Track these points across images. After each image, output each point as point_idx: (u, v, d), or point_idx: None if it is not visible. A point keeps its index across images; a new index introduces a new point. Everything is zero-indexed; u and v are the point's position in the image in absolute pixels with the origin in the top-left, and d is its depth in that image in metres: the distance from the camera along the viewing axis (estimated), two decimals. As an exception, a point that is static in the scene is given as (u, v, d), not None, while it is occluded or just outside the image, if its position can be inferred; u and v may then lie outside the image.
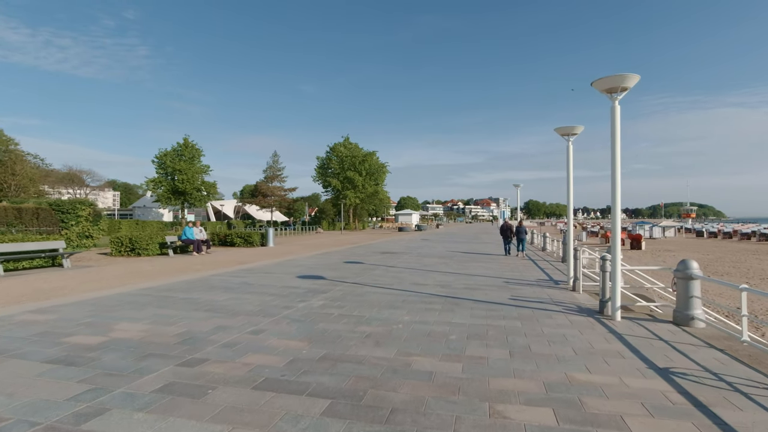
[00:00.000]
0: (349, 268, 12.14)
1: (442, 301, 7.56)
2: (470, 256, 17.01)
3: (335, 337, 5.20)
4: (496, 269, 12.53)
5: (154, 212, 65.50)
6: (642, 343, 5.15)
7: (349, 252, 18.20)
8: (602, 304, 6.88)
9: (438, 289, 8.93)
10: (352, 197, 52.23)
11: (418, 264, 13.62)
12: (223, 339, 5.04)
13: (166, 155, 54.64)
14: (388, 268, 12.29)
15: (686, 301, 6.03)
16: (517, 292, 8.73)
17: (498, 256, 17.20)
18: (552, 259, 16.05)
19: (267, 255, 16.38)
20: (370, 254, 17.07)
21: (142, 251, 15.68)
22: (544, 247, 20.65)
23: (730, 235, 54.31)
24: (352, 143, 54.23)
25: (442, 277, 10.63)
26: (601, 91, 6.52)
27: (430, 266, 13.06)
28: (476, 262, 14.66)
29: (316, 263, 13.47)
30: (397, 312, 6.66)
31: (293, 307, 6.91)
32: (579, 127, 9.59)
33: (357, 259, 15.10)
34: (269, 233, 21.20)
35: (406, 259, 15.06)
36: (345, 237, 35.34)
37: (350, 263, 13.57)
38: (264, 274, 10.82)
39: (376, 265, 13.19)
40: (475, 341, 5.13)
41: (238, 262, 13.57)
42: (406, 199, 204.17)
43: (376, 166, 54.06)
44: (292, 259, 14.83)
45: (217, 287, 8.65)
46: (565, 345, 5.03)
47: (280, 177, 52.71)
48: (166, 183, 54.08)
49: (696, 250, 37.09)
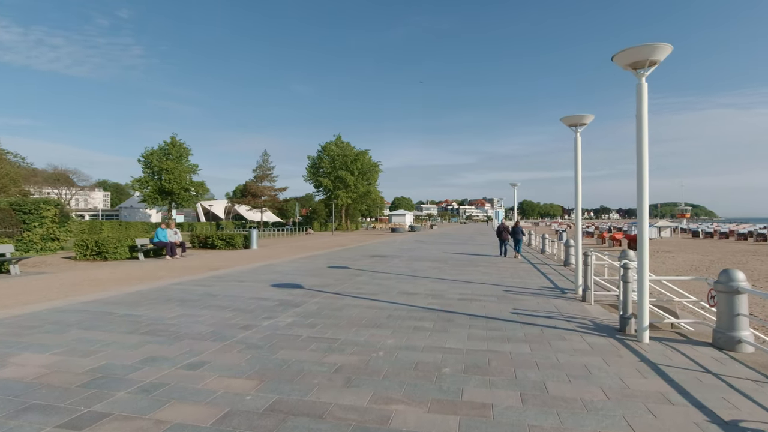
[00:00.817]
0: (332, 275, 10.97)
1: (434, 317, 6.42)
2: (466, 259, 15.91)
3: (296, 373, 4.04)
4: (494, 275, 11.42)
5: (141, 213, 63.80)
6: (687, 378, 4.04)
7: (336, 255, 17.02)
8: (623, 321, 5.78)
9: (430, 300, 7.79)
10: (343, 197, 50.84)
11: (409, 269, 12.47)
12: (147, 378, 3.85)
13: (152, 154, 53.11)
14: (375, 275, 11.14)
15: (730, 320, 4.94)
16: (520, 303, 7.61)
17: (495, 259, 16.12)
18: (553, 263, 14.98)
19: (246, 259, 15.16)
20: (358, 258, 15.90)
21: (109, 255, 14.39)
22: (543, 249, 19.60)
23: (726, 235, 53.73)
24: (344, 142, 52.86)
25: (434, 285, 9.49)
26: (623, 67, 5.35)
27: (421, 272, 11.92)
28: (472, 266, 13.55)
29: (297, 268, 12.28)
30: (380, 333, 5.50)
31: (255, 326, 5.73)
32: (588, 116, 8.51)
33: (343, 263, 13.93)
34: (252, 235, 19.94)
35: (396, 264, 13.90)
36: (335, 238, 34.14)
37: (335, 268, 12.39)
38: (235, 282, 9.61)
39: (363, 270, 12.03)
40: (474, 377, 3.99)
41: (211, 268, 12.34)
42: (400, 200, 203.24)
43: (369, 165, 52.66)
44: (272, 263, 13.63)
45: (173, 300, 7.44)
46: (590, 382, 3.90)
47: (270, 177, 51.40)
48: (153, 183, 52.54)
49: (694, 251, 36.34)
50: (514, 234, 17.39)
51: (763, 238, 45.79)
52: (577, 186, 8.78)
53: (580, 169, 8.77)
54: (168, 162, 52.27)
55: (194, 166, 56.46)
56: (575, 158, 8.78)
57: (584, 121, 8.56)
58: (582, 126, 8.68)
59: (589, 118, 8.53)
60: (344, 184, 50.61)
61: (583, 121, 8.56)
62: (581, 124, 8.65)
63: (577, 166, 8.77)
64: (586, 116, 8.51)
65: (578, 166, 8.76)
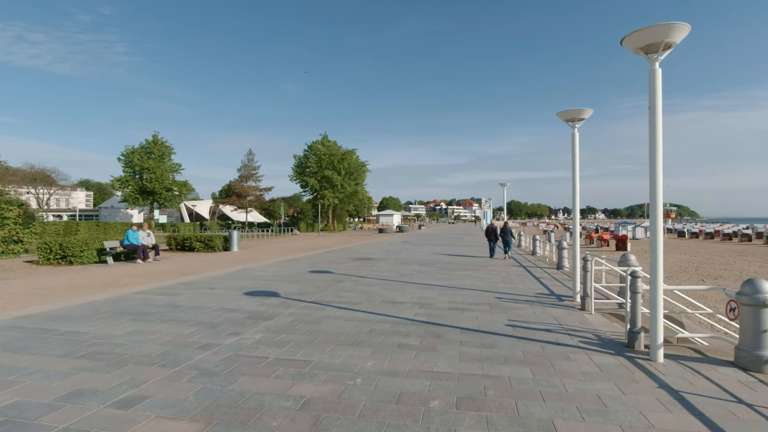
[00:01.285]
0: (312, 281, 10.22)
1: (421, 331, 5.73)
2: (455, 261, 15.28)
3: (252, 411, 3.31)
4: (485, 279, 10.79)
5: (122, 213, 61.95)
6: (719, 412, 3.40)
7: (320, 258, 16.25)
8: (632, 336, 5.17)
9: (417, 310, 7.11)
10: (330, 197, 49.84)
11: (396, 274, 11.78)
12: (63, 422, 3.08)
13: (133, 153, 51.49)
14: (359, 280, 10.42)
15: (757, 337, 4.35)
16: (515, 313, 6.98)
17: (485, 261, 15.53)
18: (545, 266, 14.44)
19: (224, 262, 14.30)
20: (342, 261, 15.16)
21: (75, 259, 13.41)
22: (533, 250, 19.08)
23: (711, 235, 54.16)
24: (330, 141, 51.83)
25: (422, 292, 8.82)
26: (634, 51, 4.75)
27: (408, 276, 11.24)
28: (462, 269, 12.92)
29: (276, 273, 11.50)
30: (359, 353, 4.79)
31: (215, 346, 4.97)
32: (586, 111, 7.92)
33: (326, 267, 13.17)
34: (233, 236, 19.04)
35: (382, 268, 13.20)
36: (321, 240, 33.31)
37: (316, 273, 11.64)
38: (204, 290, 8.81)
39: (346, 275, 11.30)
40: (469, 414, 3.31)
41: (182, 273, 11.48)
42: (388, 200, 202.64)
43: (356, 164, 51.70)
44: (251, 267, 12.81)
45: (127, 312, 6.62)
46: (607, 419, 3.25)
47: (255, 176, 50.22)
48: (134, 182, 50.93)
49: (682, 251, 36.36)
50: (503, 235, 17.27)
51: (748, 238, 46.21)
52: (575, 184, 8.19)
53: (578, 167, 8.18)
54: (149, 161, 50.74)
55: (177, 165, 54.98)
56: (573, 155, 8.19)
57: (582, 116, 7.98)
58: (580, 121, 8.10)
59: (587, 113, 7.95)
60: (331, 183, 49.63)
61: (582, 115, 7.98)
62: (579, 119, 8.06)
63: (574, 163, 8.18)
64: (584, 111, 7.92)
65: (576, 164, 8.18)
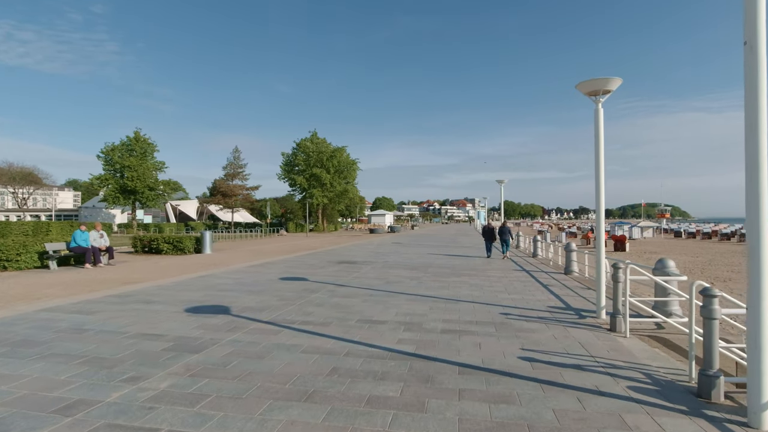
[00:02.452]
0: (279, 291, 8.53)
1: (405, 371, 4.07)
2: (449, 264, 13.65)
3: None
4: (485, 288, 9.17)
5: (104, 213, 59.58)
6: None
7: (299, 262, 14.54)
8: (706, 382, 3.56)
9: (401, 333, 5.45)
10: (319, 196, 47.74)
11: (381, 281, 10.12)
12: None
13: (113, 150, 49.28)
14: (335, 290, 8.74)
15: None
16: (530, 337, 5.35)
17: (482, 265, 13.92)
18: (550, 270, 12.86)
19: (185, 268, 12.54)
20: (323, 265, 13.47)
21: (9, 264, 11.58)
22: (534, 252, 17.51)
23: (709, 235, 53.23)
24: (319, 138, 49.89)
25: (410, 306, 7.16)
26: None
27: (395, 285, 9.59)
28: (457, 275, 11.29)
29: (240, 281, 9.78)
30: (305, 418, 3.12)
31: (88, 404, 3.27)
32: (614, 80, 6.31)
33: (301, 272, 11.48)
34: (205, 238, 17.25)
35: (366, 273, 11.53)
36: (307, 241, 31.55)
37: (288, 281, 9.94)
38: (138, 304, 7.08)
39: (322, 283, 9.61)
40: None
41: (128, 281, 9.72)
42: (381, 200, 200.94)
43: (346, 162, 49.61)
44: (214, 273, 11.08)
45: (5, 342, 4.89)
46: None
47: (241, 175, 48.26)
48: (114, 181, 48.70)
49: (682, 252, 35.17)
50: (501, 235, 16.68)
51: (747, 238, 45.19)
52: (599, 172, 6.58)
53: (602, 152, 6.58)
54: (130, 158, 48.57)
55: (160, 163, 52.82)
56: (596, 137, 6.58)
57: (609, 86, 6.37)
58: (606, 94, 6.49)
59: (614, 83, 6.34)
60: (319, 182, 47.54)
61: (608, 86, 6.36)
62: (605, 92, 6.46)
63: (598, 147, 6.56)
64: (611, 80, 6.31)
65: (600, 148, 6.57)
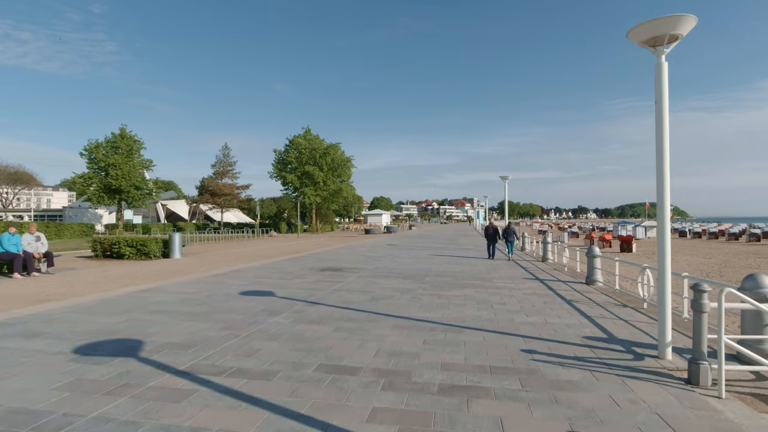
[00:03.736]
0: (228, 314, 6.58)
1: None
2: (449, 271, 11.73)
3: None
4: (496, 306, 7.24)
5: (90, 213, 57.36)
6: None
7: (274, 269, 12.59)
8: None
9: (377, 398, 3.50)
10: (311, 195, 45.58)
11: (365, 296, 8.19)
12: None
13: (97, 147, 47.14)
14: (304, 310, 6.81)
15: None
16: (576, 402, 3.42)
17: (486, 269, 11.99)
18: (567, 277, 10.95)
19: (135, 278, 10.58)
20: (301, 273, 11.54)
21: None
22: (544, 256, 15.59)
23: (716, 235, 51.50)
24: (313, 135, 47.84)
25: (396, 340, 5.23)
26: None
27: (383, 301, 7.66)
28: (459, 286, 9.37)
29: (187, 298, 7.82)
30: None
31: None
32: (687, 19, 4.38)
33: (271, 285, 9.53)
34: (174, 240, 15.28)
35: (350, 285, 9.60)
36: (296, 242, 29.57)
37: (249, 296, 7.99)
38: (14, 340, 5.12)
39: (291, 300, 7.67)
40: None
41: (44, 298, 7.73)
42: (379, 200, 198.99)
43: (340, 160, 47.38)
44: (160, 287, 9.11)
45: None
46: None
47: (231, 173, 46.18)
48: (98, 179, 46.57)
49: (692, 253, 33.34)
50: (506, 235, 16.21)
51: (756, 237, 43.46)
52: (662, 149, 4.66)
53: (666, 122, 4.65)
54: (115, 156, 46.47)
55: (148, 161, 50.69)
56: (658, 103, 4.65)
57: (678, 29, 4.44)
58: (672, 42, 4.58)
59: (687, 23, 4.40)
60: (312, 180, 45.40)
61: (677, 29, 4.44)
62: (671, 39, 4.53)
63: (662, 115, 4.64)
64: (683, 18, 4.38)
65: (664, 116, 4.64)
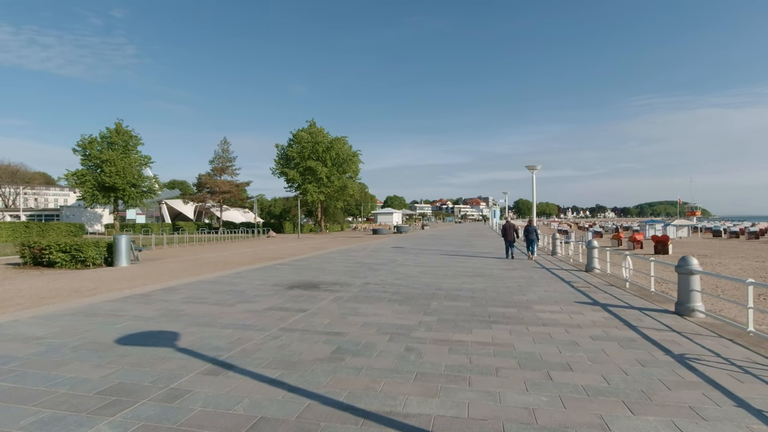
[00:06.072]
0: (44, 401, 3.43)
1: None
2: (468, 290, 8.42)
3: None
4: (562, 380, 3.95)
5: (88, 213, 55.30)
6: None
7: (225, 285, 9.43)
8: None
9: None
10: (314, 192, 42.39)
11: (326, 345, 4.94)
12: None
13: (91, 143, 44.88)
14: (190, 391, 3.62)
15: None
16: None
17: (522, 286, 8.65)
18: (647, 304, 7.56)
19: (22, 297, 7.55)
20: (254, 294, 8.35)
21: None
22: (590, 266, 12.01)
23: (756, 235, 46.96)
24: (317, 128, 44.46)
25: None
26: None
27: (349, 363, 4.42)
28: (484, 322, 6.09)
29: (52, 344, 4.72)
30: None
31: None
32: None
33: (191, 316, 6.36)
34: (119, 245, 12.29)
35: (312, 319, 6.36)
36: (290, 245, 26.49)
37: (127, 345, 4.83)
38: None
39: (195, 356, 4.48)
40: None
41: None
42: (393, 199, 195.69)
43: (345, 154, 43.77)
44: (31, 318, 6.05)
45: None
46: None
47: (230, 169, 43.44)
48: (91, 177, 44.25)
49: (738, 255, 29.15)
50: (527, 234, 15.63)
51: (807, 238, 38.98)
52: None
53: None
54: (110, 152, 44.14)
55: (146, 157, 48.39)
56: None
57: None
58: None
59: None
60: (315, 176, 42.18)
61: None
62: None
63: None
64: None
65: None
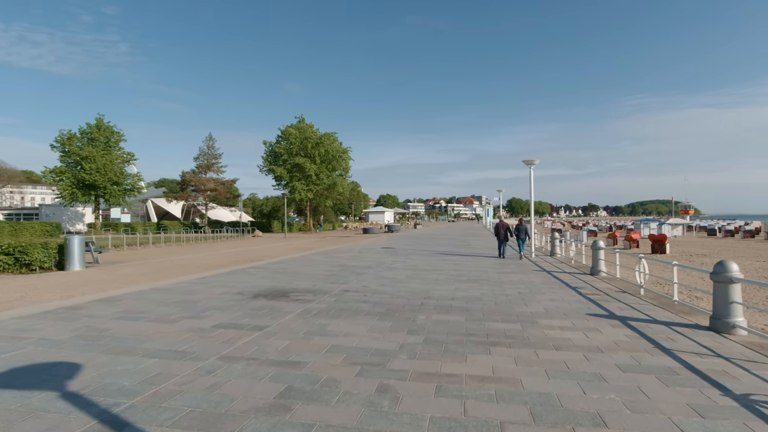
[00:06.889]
0: None
1: None
2: (461, 299, 7.25)
3: None
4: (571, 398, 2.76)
5: (70, 211, 53.43)
6: None
7: (181, 294, 8.15)
8: None
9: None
10: (302, 190, 41.09)
11: (273, 384, 3.68)
12: None
13: (70, 139, 43.12)
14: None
15: None
16: None
17: (526, 300, 7.48)
18: (673, 317, 6.42)
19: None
20: (207, 308, 7.09)
21: None
22: (595, 268, 10.91)
23: (752, 233, 46.48)
24: (306, 123, 43.06)
25: None
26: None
27: (324, 385, 3.18)
28: (481, 344, 4.89)
29: None
30: None
31: None
32: None
33: (113, 341, 5.10)
34: (71, 246, 10.95)
35: (266, 341, 5.12)
36: (274, 245, 25.17)
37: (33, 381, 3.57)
38: None
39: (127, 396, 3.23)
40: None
41: None
42: (386, 197, 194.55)
43: (335, 151, 42.26)
44: None
45: None
46: None
47: (216, 166, 41.95)
48: (70, 174, 42.50)
49: (738, 254, 28.34)
50: (518, 233, 15.90)
51: (805, 237, 38.46)
52: None
53: None
54: (90, 149, 42.43)
55: (129, 154, 46.72)
56: None
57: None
58: None
59: None
60: (303, 173, 40.88)
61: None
62: None
63: None
64: None
65: None
